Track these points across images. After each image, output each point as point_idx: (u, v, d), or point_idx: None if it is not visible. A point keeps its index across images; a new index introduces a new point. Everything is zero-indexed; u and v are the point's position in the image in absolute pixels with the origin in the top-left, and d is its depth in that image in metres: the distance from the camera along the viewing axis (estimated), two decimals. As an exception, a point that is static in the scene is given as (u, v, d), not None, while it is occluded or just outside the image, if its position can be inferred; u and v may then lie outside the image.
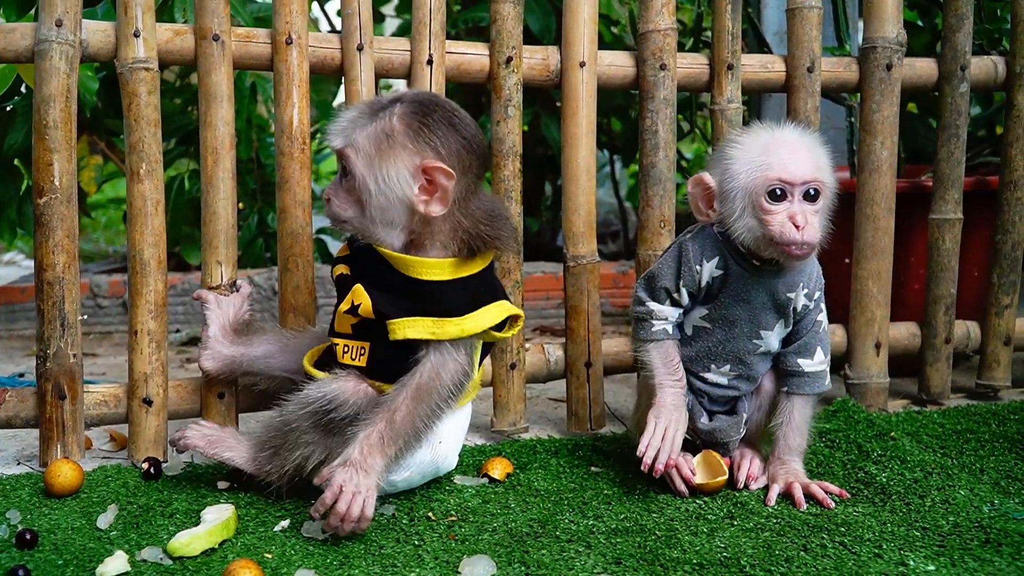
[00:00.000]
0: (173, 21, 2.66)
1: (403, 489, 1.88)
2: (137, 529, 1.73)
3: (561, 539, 1.68)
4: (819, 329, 1.95)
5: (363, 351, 1.83)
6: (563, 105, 2.31)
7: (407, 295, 1.76)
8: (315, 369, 1.90)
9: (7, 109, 3.03)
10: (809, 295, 1.91)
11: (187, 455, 2.12)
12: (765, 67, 2.45)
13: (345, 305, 1.81)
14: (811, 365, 1.94)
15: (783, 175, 1.77)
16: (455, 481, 1.97)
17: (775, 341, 1.94)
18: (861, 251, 2.48)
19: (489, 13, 2.27)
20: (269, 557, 1.61)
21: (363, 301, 1.78)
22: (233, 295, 2.13)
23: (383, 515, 1.80)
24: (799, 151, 1.80)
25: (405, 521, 1.77)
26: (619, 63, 2.36)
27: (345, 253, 1.88)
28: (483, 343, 1.87)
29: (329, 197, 1.79)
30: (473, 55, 2.28)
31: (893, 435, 2.18)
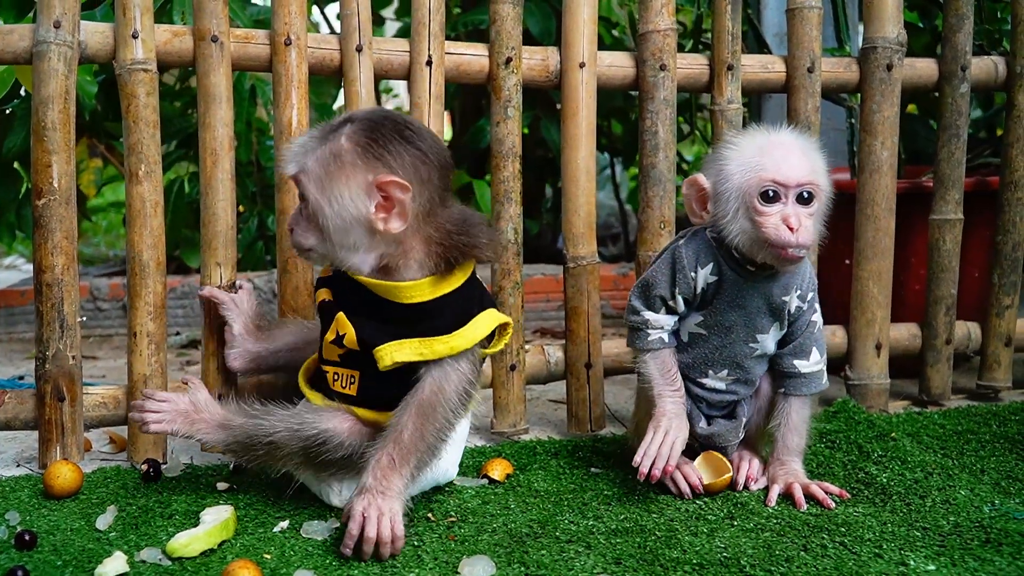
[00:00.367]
0: (172, 23, 2.66)
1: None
2: (136, 530, 1.72)
3: (561, 539, 1.68)
4: (814, 330, 1.94)
5: (353, 379, 1.80)
6: (563, 106, 2.31)
7: (391, 320, 1.73)
8: (309, 389, 1.88)
9: (6, 112, 3.04)
10: (802, 296, 1.91)
11: (187, 456, 2.12)
12: (765, 68, 2.45)
13: (331, 335, 1.79)
14: (807, 366, 1.93)
15: (777, 176, 1.77)
16: (455, 482, 1.97)
17: (771, 344, 1.94)
18: (861, 252, 2.48)
19: (489, 17, 2.28)
20: (268, 558, 1.61)
21: (347, 331, 1.75)
22: (241, 292, 2.12)
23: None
24: (793, 153, 1.80)
25: (404, 522, 1.76)
26: (619, 64, 2.36)
27: (328, 274, 1.85)
28: None
29: (291, 227, 1.74)
30: (472, 56, 2.27)
31: (894, 436, 2.18)
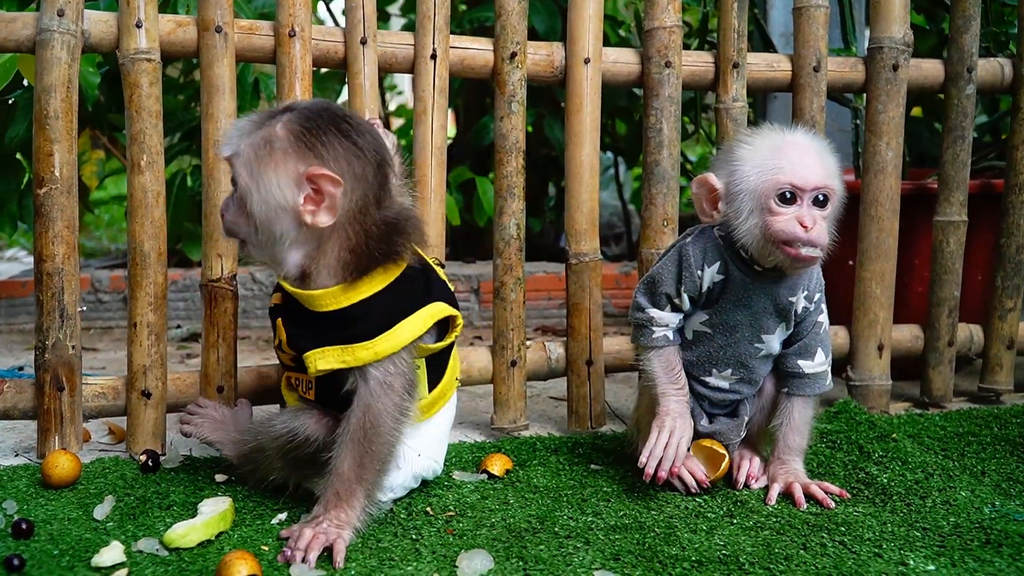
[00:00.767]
0: (176, 13, 2.66)
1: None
2: (134, 520, 1.72)
3: (560, 535, 1.67)
4: (820, 330, 1.94)
5: (310, 384, 1.78)
6: (567, 102, 2.31)
7: (314, 327, 1.69)
8: (287, 391, 1.88)
9: (8, 102, 3.04)
10: (809, 297, 1.90)
11: (186, 448, 2.12)
12: (771, 66, 2.44)
13: (275, 340, 1.79)
14: (812, 366, 1.93)
15: (794, 180, 1.75)
16: (454, 477, 1.96)
17: (776, 344, 1.93)
18: (865, 252, 2.47)
19: (494, 12, 2.27)
20: (266, 549, 1.60)
21: (283, 337, 1.75)
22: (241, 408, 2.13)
23: (381, 510, 1.78)
24: (810, 156, 1.78)
25: (403, 516, 1.76)
26: (624, 60, 2.35)
27: None
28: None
29: (223, 212, 1.69)
30: (477, 50, 2.27)
31: (895, 437, 2.17)
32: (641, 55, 2.36)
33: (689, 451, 1.94)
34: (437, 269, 1.83)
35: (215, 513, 1.67)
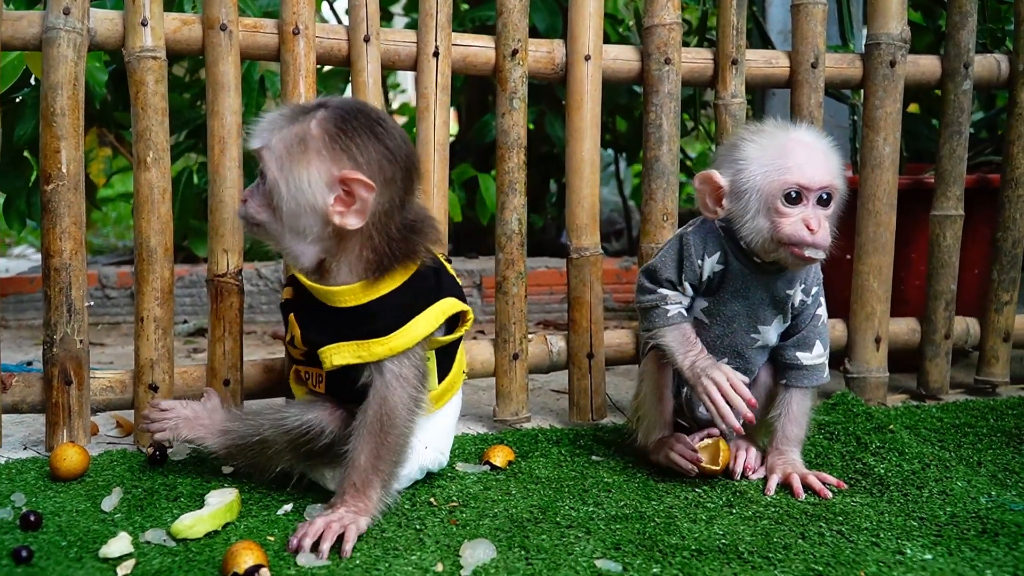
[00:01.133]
0: (182, 11, 2.67)
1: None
2: (141, 512, 1.74)
3: (561, 525, 1.69)
4: (818, 323, 1.96)
5: (320, 378, 1.79)
6: (568, 98, 2.33)
7: (330, 322, 1.71)
8: (296, 384, 1.89)
9: (16, 101, 3.05)
10: (806, 291, 1.92)
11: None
12: (769, 62, 2.46)
13: (287, 336, 1.80)
14: (809, 358, 1.95)
15: (802, 180, 1.76)
16: (457, 468, 1.99)
17: (773, 335, 1.95)
18: (862, 247, 2.49)
19: (495, 10, 2.29)
20: (272, 540, 1.62)
21: (296, 333, 1.76)
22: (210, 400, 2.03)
23: (396, 501, 1.80)
24: (816, 155, 1.79)
25: (407, 506, 1.78)
26: (624, 57, 2.37)
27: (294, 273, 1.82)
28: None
29: (245, 198, 1.69)
30: (479, 47, 2.29)
31: (892, 428, 2.19)
32: (641, 52, 2.38)
33: (699, 440, 1.96)
34: (447, 265, 1.84)
35: (222, 504, 1.69)
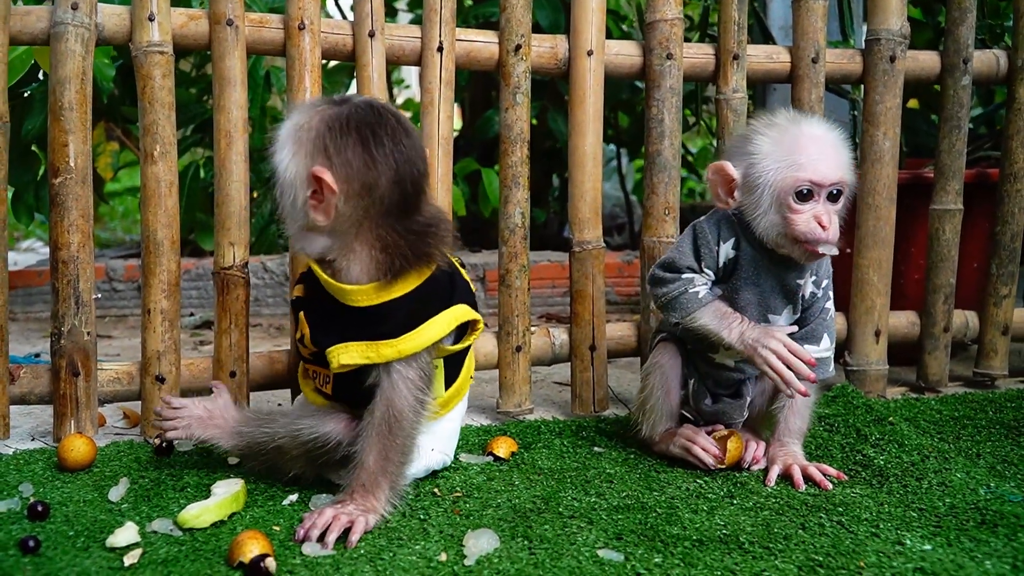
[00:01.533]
0: (188, 6, 2.69)
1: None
2: (148, 502, 1.75)
3: (564, 515, 1.70)
4: (827, 316, 1.96)
5: (328, 379, 1.80)
6: (570, 93, 2.34)
7: (341, 321, 1.71)
8: (304, 380, 1.89)
9: (24, 95, 3.06)
10: (817, 283, 1.93)
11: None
12: (770, 57, 2.48)
13: (297, 334, 1.81)
14: (816, 351, 1.94)
15: (814, 177, 1.77)
16: (460, 459, 2.00)
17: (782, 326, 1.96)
18: (862, 240, 2.51)
19: (499, 7, 2.30)
20: (277, 530, 1.63)
21: (305, 332, 1.77)
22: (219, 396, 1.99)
23: (404, 500, 1.80)
24: (828, 151, 1.79)
25: (411, 497, 1.79)
26: (626, 52, 2.39)
27: (306, 269, 1.81)
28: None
29: None
30: (483, 43, 2.30)
31: (891, 420, 2.20)
32: (643, 47, 2.39)
33: (708, 432, 1.98)
34: (461, 270, 1.84)
35: (228, 494, 1.69)
